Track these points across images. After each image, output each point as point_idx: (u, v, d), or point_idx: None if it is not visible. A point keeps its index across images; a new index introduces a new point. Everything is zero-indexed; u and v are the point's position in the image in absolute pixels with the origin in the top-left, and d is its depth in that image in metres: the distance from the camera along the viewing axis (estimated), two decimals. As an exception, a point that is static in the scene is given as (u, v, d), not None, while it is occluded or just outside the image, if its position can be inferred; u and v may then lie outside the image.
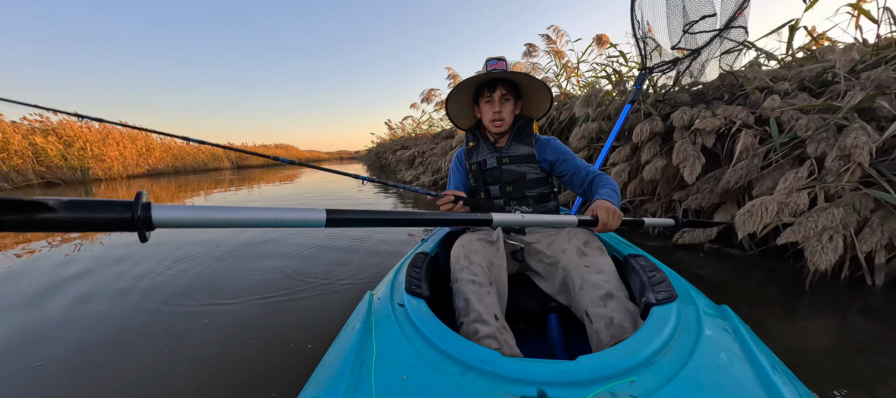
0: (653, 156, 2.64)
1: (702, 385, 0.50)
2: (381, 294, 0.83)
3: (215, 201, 5.73)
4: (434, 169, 6.23)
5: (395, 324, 0.68)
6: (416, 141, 9.44)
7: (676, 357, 0.56)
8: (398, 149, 11.50)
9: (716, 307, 0.75)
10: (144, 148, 17.37)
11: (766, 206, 1.76)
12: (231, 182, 10.68)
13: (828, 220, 1.59)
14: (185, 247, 2.83)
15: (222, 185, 9.67)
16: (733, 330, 0.65)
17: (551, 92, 1.18)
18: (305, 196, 6.15)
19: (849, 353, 1.20)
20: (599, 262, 0.87)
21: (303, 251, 2.61)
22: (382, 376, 0.55)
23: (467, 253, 0.93)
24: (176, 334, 1.50)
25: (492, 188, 1.17)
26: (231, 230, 3.17)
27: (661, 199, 2.73)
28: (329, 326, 1.49)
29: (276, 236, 3.01)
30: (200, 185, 9.73)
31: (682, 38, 2.32)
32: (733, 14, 2.10)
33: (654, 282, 0.77)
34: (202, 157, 22.35)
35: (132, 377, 1.22)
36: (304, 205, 5.12)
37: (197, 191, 7.97)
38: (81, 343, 1.47)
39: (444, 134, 7.76)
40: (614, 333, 0.73)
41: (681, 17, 2.30)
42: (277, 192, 7.06)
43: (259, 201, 5.71)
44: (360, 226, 0.61)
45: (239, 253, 2.64)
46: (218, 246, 2.82)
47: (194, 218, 0.47)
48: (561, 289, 0.96)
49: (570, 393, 0.49)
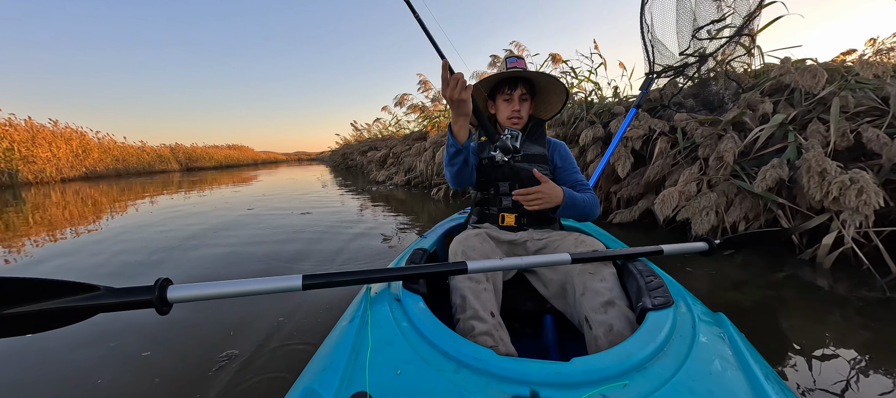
0: (595, 156, 3.30)
1: (694, 391, 0.50)
2: (378, 288, 0.82)
3: (163, 204, 5.74)
4: (407, 168, 6.59)
5: (391, 318, 0.68)
6: (387, 141, 9.71)
7: (670, 362, 0.56)
8: (367, 149, 11.62)
9: (711, 314, 0.76)
10: (80, 148, 15.91)
11: (671, 195, 2.43)
12: (180, 184, 10.07)
13: (707, 202, 2.27)
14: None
15: (170, 188, 9.05)
16: (728, 337, 0.65)
17: (568, 93, 1.20)
18: (276, 198, 6.26)
19: (719, 283, 1.83)
20: (603, 270, 0.87)
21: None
22: (376, 369, 0.55)
23: (465, 249, 0.95)
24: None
25: (502, 185, 1.16)
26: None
27: (602, 190, 3.40)
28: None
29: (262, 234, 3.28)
30: (145, 188, 8.98)
31: (691, 43, 2.27)
32: (744, 21, 2.09)
33: (651, 287, 0.77)
34: (147, 159, 20.78)
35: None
36: (272, 207, 5.30)
37: (141, 195, 7.41)
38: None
39: (414, 136, 8.16)
40: (612, 340, 0.73)
41: (690, 22, 2.26)
42: (230, 194, 7.03)
43: (217, 202, 5.69)
44: (336, 286, 0.69)
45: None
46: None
47: (203, 293, 0.63)
48: (558, 293, 0.95)
49: (563, 394, 0.49)
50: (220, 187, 8.62)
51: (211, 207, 5.18)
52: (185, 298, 0.61)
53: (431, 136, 6.41)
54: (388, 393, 0.52)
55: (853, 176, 1.80)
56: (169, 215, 4.67)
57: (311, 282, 0.67)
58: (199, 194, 7.17)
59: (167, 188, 8.97)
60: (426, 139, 6.68)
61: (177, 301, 0.61)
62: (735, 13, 2.12)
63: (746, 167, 2.42)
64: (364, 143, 13.66)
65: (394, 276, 0.74)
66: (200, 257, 2.68)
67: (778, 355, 1.23)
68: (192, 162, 26.53)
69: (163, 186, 9.68)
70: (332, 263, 2.46)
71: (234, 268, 2.43)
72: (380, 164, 8.54)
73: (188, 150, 27.24)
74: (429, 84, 8.11)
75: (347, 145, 17.83)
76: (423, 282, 0.81)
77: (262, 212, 4.59)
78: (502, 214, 1.15)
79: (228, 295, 0.63)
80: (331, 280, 0.68)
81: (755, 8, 2.01)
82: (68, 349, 1.43)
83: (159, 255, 2.77)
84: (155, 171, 20.46)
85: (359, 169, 12.50)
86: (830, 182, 1.84)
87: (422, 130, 8.07)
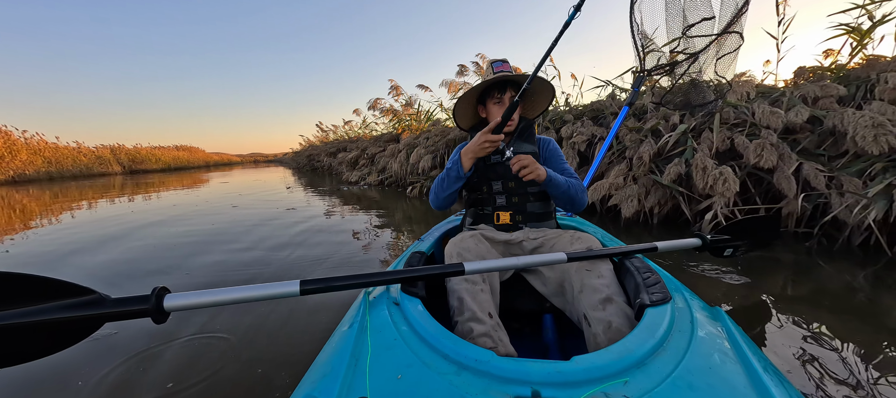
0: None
1: (694, 386, 0.50)
2: (376, 293, 0.82)
3: (102, 208, 5.58)
4: (381, 168, 6.97)
5: (390, 322, 0.68)
6: (357, 143, 9.93)
7: (670, 358, 0.56)
8: (337, 151, 11.61)
9: (709, 309, 0.76)
10: (5, 149, 14.36)
11: (603, 185, 3.09)
12: (123, 188, 9.40)
13: (631, 192, 2.95)
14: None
15: (111, 192, 8.50)
16: (726, 331, 0.66)
17: (554, 92, 1.22)
18: (254, 197, 6.34)
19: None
20: (600, 267, 0.87)
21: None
22: (377, 375, 0.55)
23: (460, 251, 0.94)
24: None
25: (495, 184, 1.16)
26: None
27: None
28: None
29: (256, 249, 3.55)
30: (83, 193, 8.27)
31: (680, 42, 2.29)
32: (731, 18, 2.11)
33: (649, 284, 0.77)
34: (84, 161, 19.09)
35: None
36: (260, 200, 5.44)
37: (77, 200, 6.90)
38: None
39: (386, 137, 8.47)
40: (612, 337, 0.73)
41: (680, 20, 2.27)
42: (185, 198, 6.98)
43: (163, 205, 5.68)
44: (335, 291, 0.69)
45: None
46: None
47: (200, 302, 0.61)
48: (556, 291, 0.95)
49: (564, 393, 0.50)
50: (171, 191, 8.26)
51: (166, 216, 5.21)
52: (181, 307, 0.61)
53: (404, 138, 6.77)
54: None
55: (722, 170, 2.53)
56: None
57: (310, 287, 0.67)
58: (145, 198, 6.91)
59: (109, 192, 8.42)
60: (399, 141, 7.02)
61: (174, 310, 0.61)
62: (716, 18, 2.15)
63: (660, 164, 3.14)
64: (331, 144, 13.58)
65: (392, 280, 0.75)
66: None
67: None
68: (137, 164, 24.64)
69: (103, 191, 9.00)
70: (329, 258, 2.57)
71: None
72: (351, 165, 8.75)
73: (131, 151, 25.25)
74: (400, 89, 8.55)
75: (313, 146, 17.58)
76: (421, 285, 0.81)
77: (248, 206, 4.77)
78: (497, 213, 1.14)
79: (226, 302, 0.63)
80: (329, 285, 0.69)
81: (742, 5, 2.05)
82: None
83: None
84: (94, 174, 18.83)
85: (326, 170, 12.44)
86: (709, 175, 2.56)
87: (393, 132, 8.41)
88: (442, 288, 0.90)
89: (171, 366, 1.29)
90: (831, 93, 2.90)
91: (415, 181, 5.50)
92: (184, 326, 1.55)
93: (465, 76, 6.71)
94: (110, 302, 0.58)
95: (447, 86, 7.00)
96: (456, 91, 7.01)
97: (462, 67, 6.77)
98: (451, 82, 6.88)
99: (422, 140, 5.88)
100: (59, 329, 0.56)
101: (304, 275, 2.48)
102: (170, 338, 1.46)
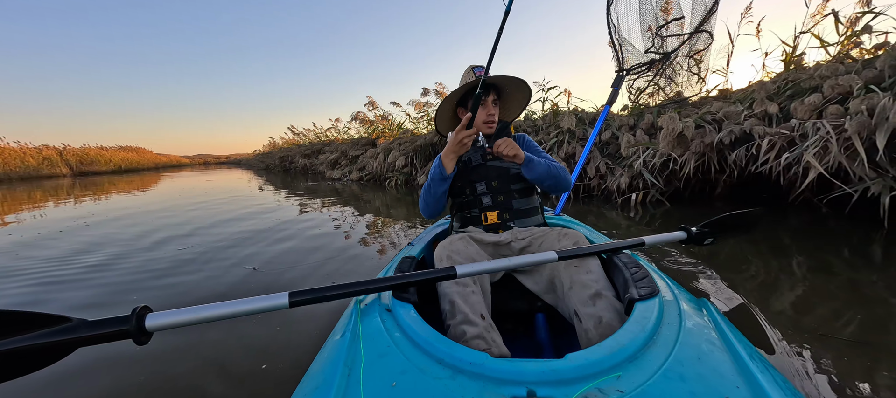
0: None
1: (685, 376, 0.52)
2: (368, 300, 0.81)
3: (51, 212, 5.07)
4: (361, 167, 7.88)
5: (382, 329, 0.67)
6: (337, 145, 10.84)
7: (660, 350, 0.57)
8: (311, 153, 12.19)
9: (695, 300, 0.78)
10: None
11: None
12: (70, 191, 8.70)
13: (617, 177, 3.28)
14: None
15: (59, 194, 7.92)
16: (712, 321, 0.68)
17: (530, 92, 1.25)
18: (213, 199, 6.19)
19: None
20: (589, 263, 0.88)
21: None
22: (371, 383, 0.54)
23: (450, 254, 0.95)
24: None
25: (479, 185, 1.17)
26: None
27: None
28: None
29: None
30: (32, 196, 7.68)
31: (654, 42, 2.33)
32: (702, 19, 2.18)
33: (637, 278, 0.78)
34: (31, 163, 17.55)
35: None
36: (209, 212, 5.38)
37: (27, 204, 6.30)
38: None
39: (363, 141, 9.47)
40: (603, 332, 0.74)
41: (653, 20, 2.32)
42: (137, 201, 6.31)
43: (114, 205, 5.48)
44: (325, 301, 0.67)
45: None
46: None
47: (186, 319, 0.60)
48: (547, 288, 0.95)
49: (560, 391, 0.50)
50: (122, 194, 7.61)
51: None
52: (164, 326, 0.59)
53: (380, 143, 8.05)
54: None
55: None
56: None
57: (299, 298, 0.66)
58: (94, 200, 6.36)
59: (57, 195, 7.74)
60: (376, 145, 8.25)
61: (157, 329, 0.59)
62: (686, 18, 2.25)
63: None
64: (306, 146, 13.82)
65: (383, 287, 0.74)
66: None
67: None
68: (86, 166, 22.85)
69: (52, 193, 8.29)
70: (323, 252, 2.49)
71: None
72: (331, 165, 9.52)
73: (79, 152, 23.40)
74: (375, 104, 10.10)
75: (285, 149, 17.21)
76: (413, 291, 0.81)
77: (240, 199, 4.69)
78: (485, 213, 1.15)
79: (212, 319, 0.62)
80: (318, 295, 0.67)
81: (712, 5, 2.12)
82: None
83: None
84: (42, 176, 17.34)
85: (301, 171, 12.42)
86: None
87: (369, 137, 9.61)
88: (433, 292, 0.90)
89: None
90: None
91: (391, 176, 6.60)
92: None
93: (428, 96, 8.22)
94: (84, 326, 0.56)
95: (413, 105, 8.59)
96: (420, 108, 8.49)
97: (425, 90, 8.23)
98: (417, 102, 8.49)
99: (395, 145, 6.95)
100: (20, 356, 0.53)
101: (308, 243, 2.67)
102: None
